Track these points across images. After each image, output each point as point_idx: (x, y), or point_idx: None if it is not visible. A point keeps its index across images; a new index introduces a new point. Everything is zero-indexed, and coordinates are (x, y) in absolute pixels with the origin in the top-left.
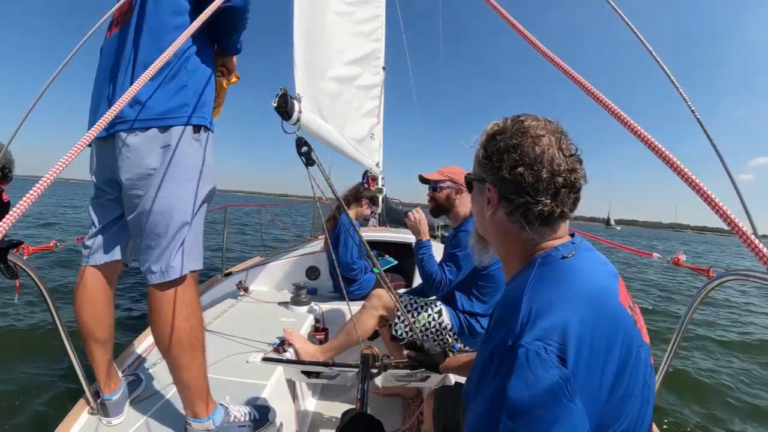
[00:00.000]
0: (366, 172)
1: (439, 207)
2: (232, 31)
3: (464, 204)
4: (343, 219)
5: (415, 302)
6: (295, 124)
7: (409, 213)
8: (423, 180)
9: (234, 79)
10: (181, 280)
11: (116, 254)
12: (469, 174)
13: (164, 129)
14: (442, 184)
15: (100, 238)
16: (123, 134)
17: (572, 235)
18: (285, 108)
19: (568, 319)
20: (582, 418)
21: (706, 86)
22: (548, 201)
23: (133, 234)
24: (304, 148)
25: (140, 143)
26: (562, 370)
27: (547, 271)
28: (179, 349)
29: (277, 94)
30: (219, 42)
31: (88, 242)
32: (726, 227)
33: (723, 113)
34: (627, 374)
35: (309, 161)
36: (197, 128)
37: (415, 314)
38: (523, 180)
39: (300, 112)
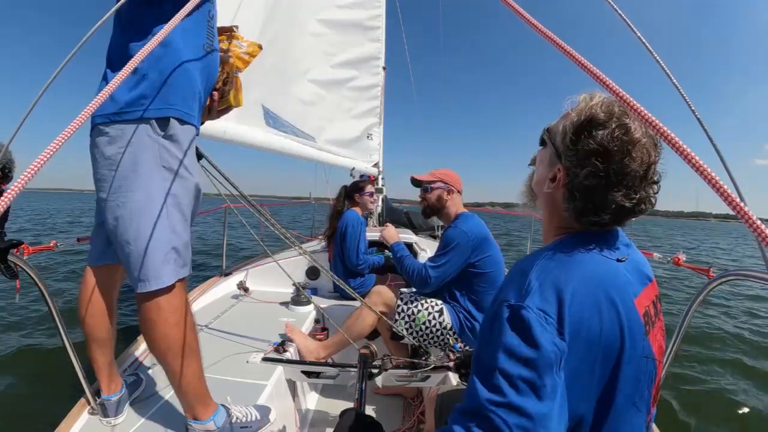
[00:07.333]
0: (352, 170)
1: (430, 207)
2: None
3: (455, 204)
4: (348, 215)
5: (415, 300)
6: None
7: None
8: (415, 182)
9: (255, 50)
10: (168, 288)
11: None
12: (550, 128)
13: (125, 123)
14: (433, 185)
15: (102, 237)
16: (95, 130)
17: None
18: None
19: (572, 298)
20: (563, 396)
21: (716, 66)
22: (607, 217)
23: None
24: None
25: (103, 141)
26: (561, 342)
27: (567, 247)
28: (171, 356)
29: None
30: None
31: (92, 242)
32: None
33: (737, 95)
34: (620, 378)
35: (197, 156)
36: (163, 121)
37: (415, 311)
38: (594, 192)
39: None
